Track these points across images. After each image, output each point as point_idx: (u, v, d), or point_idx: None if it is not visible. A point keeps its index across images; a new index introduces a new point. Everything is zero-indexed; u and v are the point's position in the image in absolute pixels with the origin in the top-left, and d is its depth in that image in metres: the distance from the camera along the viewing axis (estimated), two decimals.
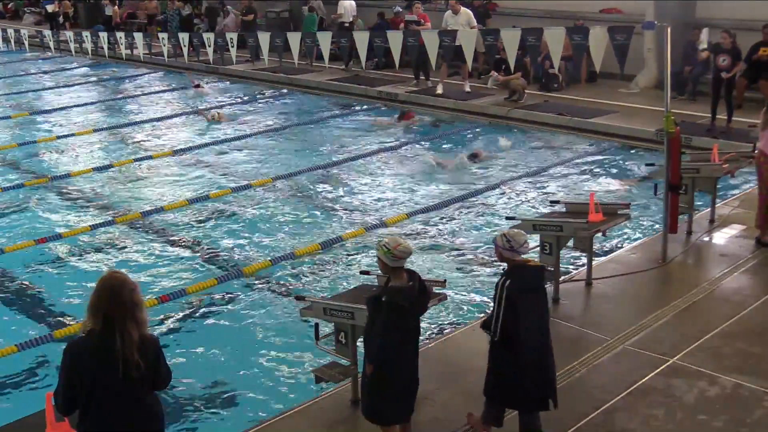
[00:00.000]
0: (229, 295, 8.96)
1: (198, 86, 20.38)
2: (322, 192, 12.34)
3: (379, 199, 11.97)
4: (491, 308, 5.59)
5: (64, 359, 4.23)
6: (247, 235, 10.67)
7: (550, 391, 5.56)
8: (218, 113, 17.55)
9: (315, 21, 22.82)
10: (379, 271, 5.73)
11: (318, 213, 11.42)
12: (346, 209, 11.56)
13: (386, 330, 5.28)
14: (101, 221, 11.24)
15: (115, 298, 4.17)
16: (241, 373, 7.39)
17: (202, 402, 6.98)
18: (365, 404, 5.57)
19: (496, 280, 5.61)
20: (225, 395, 7.08)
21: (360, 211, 11.44)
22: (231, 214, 11.48)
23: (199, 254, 10.19)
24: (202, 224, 11.14)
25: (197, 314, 8.60)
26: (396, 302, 5.25)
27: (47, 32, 26.56)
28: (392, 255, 5.25)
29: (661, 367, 6.64)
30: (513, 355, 5.45)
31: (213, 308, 8.71)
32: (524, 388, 5.49)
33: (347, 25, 21.96)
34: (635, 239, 9.95)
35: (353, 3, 22.58)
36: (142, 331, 4.23)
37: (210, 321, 8.46)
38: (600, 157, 13.74)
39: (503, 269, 5.68)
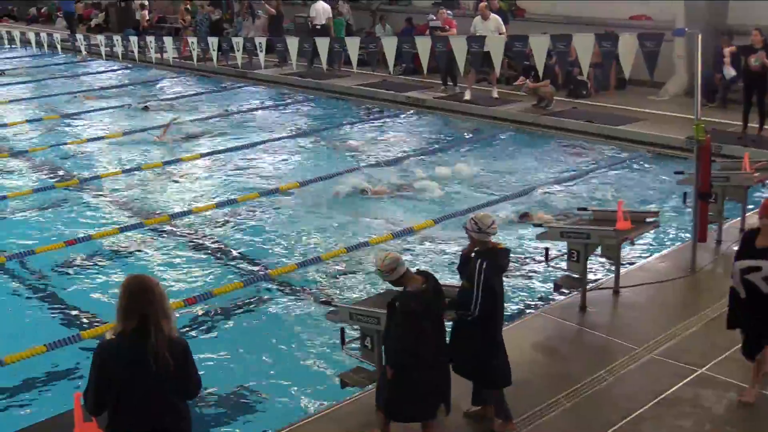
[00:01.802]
0: (255, 299, 9.00)
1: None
2: (349, 196, 12.34)
3: (406, 205, 11.96)
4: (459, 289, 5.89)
5: (94, 361, 4.29)
6: (273, 238, 10.71)
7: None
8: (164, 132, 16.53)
9: (342, 26, 22.90)
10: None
11: (345, 217, 11.42)
12: (373, 214, 11.55)
13: (400, 334, 5.45)
14: (130, 223, 11.34)
15: (148, 296, 4.26)
16: (266, 376, 7.41)
17: (227, 405, 7.01)
18: (384, 399, 5.66)
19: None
20: (250, 398, 7.11)
21: (387, 216, 11.44)
22: (258, 217, 11.53)
23: (225, 257, 10.24)
24: (230, 227, 11.19)
25: (223, 317, 8.64)
26: (408, 307, 5.41)
27: (79, 36, 26.87)
28: (383, 274, 5.54)
29: (690, 377, 6.57)
30: (487, 332, 5.80)
31: (239, 311, 8.76)
32: (500, 366, 5.89)
33: (319, 27, 22.02)
34: (664, 248, 9.86)
35: (326, 5, 22.56)
36: (172, 326, 4.31)
37: (235, 324, 8.50)
38: (628, 165, 13.65)
39: (475, 252, 5.93)
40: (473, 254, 5.91)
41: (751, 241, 5.98)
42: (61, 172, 14.21)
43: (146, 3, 29.73)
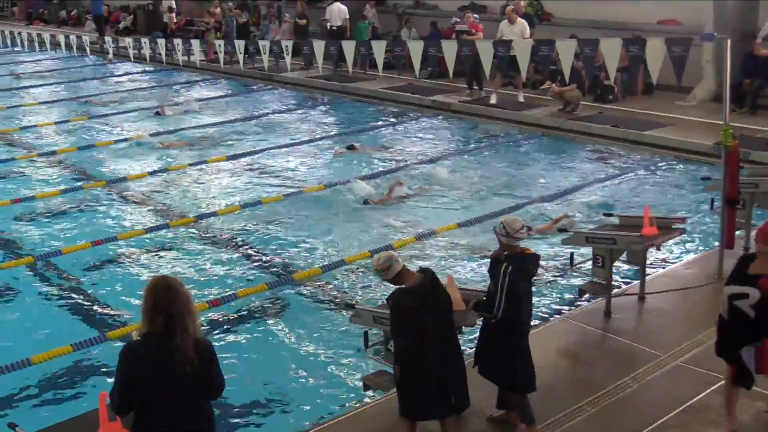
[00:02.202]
0: (279, 301, 9.03)
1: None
2: (373, 199, 12.33)
3: (430, 208, 11.95)
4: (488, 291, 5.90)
5: (120, 362, 4.33)
6: (298, 241, 10.74)
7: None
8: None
9: (366, 29, 22.95)
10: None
11: (369, 220, 11.43)
12: (397, 217, 11.55)
13: (399, 331, 5.55)
14: (155, 225, 11.42)
15: (173, 297, 4.29)
16: (289, 379, 7.43)
17: (250, 407, 7.03)
18: (398, 402, 5.71)
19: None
20: (273, 401, 7.13)
21: (411, 220, 11.43)
22: (283, 219, 11.56)
23: (250, 259, 10.29)
24: (254, 229, 11.23)
25: (247, 319, 8.68)
26: (402, 303, 5.48)
27: (108, 39, 27.13)
28: (380, 273, 5.61)
29: (716, 385, 6.48)
30: (512, 336, 5.80)
31: (263, 313, 8.79)
32: (524, 371, 5.89)
33: (335, 28, 22.10)
34: (690, 254, 9.77)
35: (343, 7, 22.73)
36: (197, 326, 4.34)
37: (259, 326, 8.52)
38: (655, 170, 13.55)
39: (504, 255, 5.92)
40: (501, 258, 5.90)
41: (745, 267, 5.73)
42: (88, 174, 14.34)
43: (174, 6, 29.96)
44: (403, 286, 5.57)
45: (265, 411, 6.99)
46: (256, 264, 10.13)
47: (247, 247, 10.67)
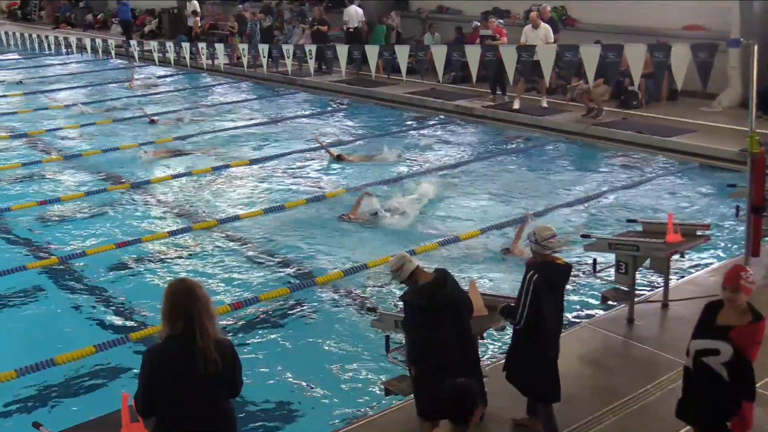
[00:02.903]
0: (301, 305, 9.04)
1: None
2: (395, 204, 12.32)
3: (453, 214, 11.93)
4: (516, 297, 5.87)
5: (144, 364, 4.37)
6: (320, 245, 10.76)
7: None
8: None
9: (384, 33, 23.02)
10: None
11: (391, 225, 11.43)
12: (420, 222, 11.54)
13: (409, 329, 5.58)
14: (179, 228, 11.49)
15: (192, 297, 4.32)
16: (310, 382, 7.44)
17: (270, 410, 7.05)
18: (415, 402, 5.75)
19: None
20: (294, 404, 7.14)
21: (434, 225, 11.42)
22: (305, 223, 11.58)
23: (272, 263, 10.32)
24: (276, 233, 11.26)
25: (269, 322, 8.71)
26: (413, 301, 5.50)
27: (133, 42, 27.38)
28: (396, 274, 5.64)
29: None
30: (535, 345, 5.78)
31: (285, 317, 8.81)
32: (548, 381, 5.86)
33: (352, 30, 22.35)
34: (715, 261, 9.69)
35: (359, 9, 23.22)
36: (216, 327, 4.37)
37: (281, 329, 8.55)
38: (679, 177, 13.45)
39: (534, 263, 5.90)
40: (530, 265, 5.89)
41: (712, 316, 5.01)
42: (113, 176, 14.45)
43: (198, 10, 30.15)
44: (417, 285, 5.59)
45: (286, 414, 7.01)
46: (278, 267, 10.16)
47: (269, 250, 10.70)
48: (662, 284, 8.26)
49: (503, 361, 6.24)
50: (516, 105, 17.54)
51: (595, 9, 20.24)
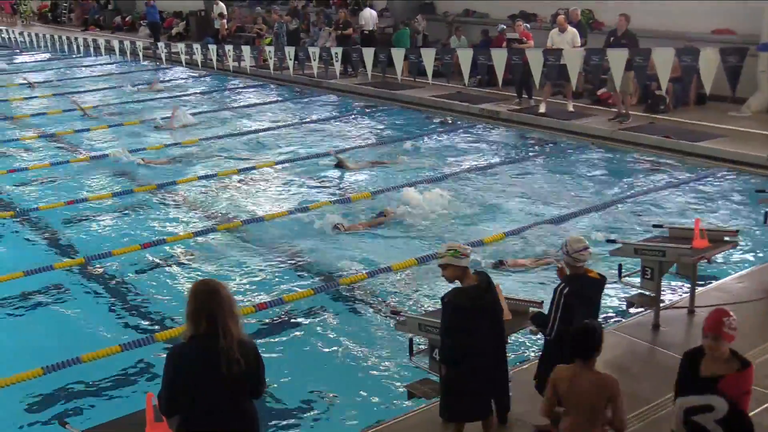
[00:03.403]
0: (324, 307, 9.05)
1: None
2: (420, 207, 12.30)
3: (477, 217, 11.89)
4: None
5: (167, 364, 4.39)
6: (344, 247, 10.76)
7: None
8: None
9: (407, 36, 23.02)
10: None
11: (416, 228, 11.41)
12: (444, 225, 11.52)
13: (450, 330, 5.52)
14: (203, 228, 11.55)
15: (215, 298, 4.35)
16: (333, 384, 7.45)
17: (293, 412, 7.05)
18: (442, 405, 5.74)
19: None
20: (316, 406, 7.15)
21: (458, 228, 11.39)
22: (329, 226, 11.58)
23: (296, 264, 10.34)
24: (301, 235, 11.29)
25: (291, 324, 8.71)
26: (457, 303, 5.48)
27: (161, 44, 27.60)
28: (459, 254, 5.50)
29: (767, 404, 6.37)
30: (566, 359, 5.54)
31: (308, 318, 8.82)
32: None
33: (367, 33, 22.58)
34: (742, 268, 9.58)
35: (374, 12, 23.61)
36: (240, 328, 4.39)
37: (304, 331, 8.56)
38: (707, 182, 13.32)
39: (565, 275, 5.87)
40: (562, 277, 5.87)
41: (694, 367, 4.51)
42: (139, 177, 14.56)
43: (225, 13, 30.34)
44: (459, 285, 5.58)
45: (308, 416, 7.01)
46: (302, 269, 10.18)
47: (293, 251, 10.72)
48: (688, 290, 8.19)
49: (524, 366, 6.21)
50: (542, 109, 17.46)
51: (623, 12, 20.08)
